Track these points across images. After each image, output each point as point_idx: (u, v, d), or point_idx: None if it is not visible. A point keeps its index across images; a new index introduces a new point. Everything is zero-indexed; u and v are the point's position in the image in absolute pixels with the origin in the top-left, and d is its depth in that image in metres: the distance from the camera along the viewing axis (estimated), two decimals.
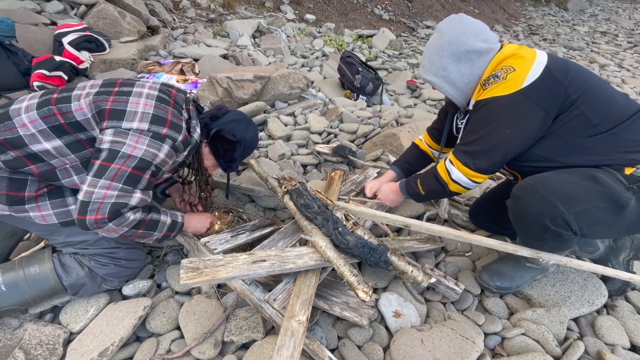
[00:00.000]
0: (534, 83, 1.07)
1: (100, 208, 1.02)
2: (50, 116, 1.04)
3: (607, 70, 5.40)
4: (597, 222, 1.04)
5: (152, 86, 1.16)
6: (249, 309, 1.26)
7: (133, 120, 1.05)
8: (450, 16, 1.28)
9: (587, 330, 1.28)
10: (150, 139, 1.06)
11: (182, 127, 1.15)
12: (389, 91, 3.91)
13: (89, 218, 1.02)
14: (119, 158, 1.03)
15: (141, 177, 1.08)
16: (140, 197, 1.09)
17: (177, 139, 1.12)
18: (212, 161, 1.41)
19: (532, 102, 1.07)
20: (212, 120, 1.34)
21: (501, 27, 8.60)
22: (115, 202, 1.04)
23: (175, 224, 1.28)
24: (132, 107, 1.07)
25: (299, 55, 4.62)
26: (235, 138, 1.32)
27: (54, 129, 1.04)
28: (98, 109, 1.05)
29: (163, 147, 1.09)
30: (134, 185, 1.07)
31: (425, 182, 1.38)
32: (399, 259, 1.27)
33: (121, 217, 1.06)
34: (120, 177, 1.03)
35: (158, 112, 1.09)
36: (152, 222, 1.18)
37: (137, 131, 1.05)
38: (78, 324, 1.19)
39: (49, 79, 2.49)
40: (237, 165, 1.43)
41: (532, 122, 1.10)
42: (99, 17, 3.40)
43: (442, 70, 1.25)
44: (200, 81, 2.99)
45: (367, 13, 7.19)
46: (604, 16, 10.76)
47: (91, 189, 1.02)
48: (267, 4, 6.21)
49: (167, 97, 1.15)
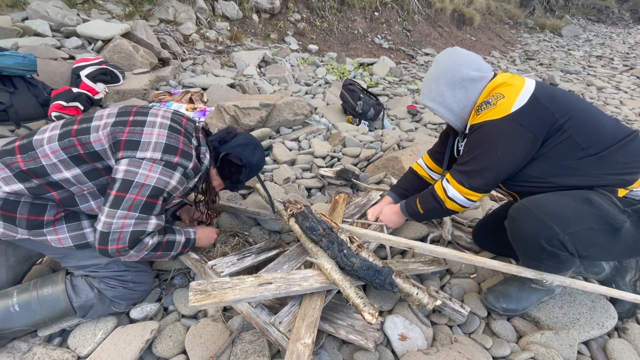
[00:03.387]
0: (522, 108, 1.14)
1: (120, 238, 1.09)
2: (70, 147, 1.11)
3: (604, 93, 5.49)
4: (592, 244, 1.07)
5: (165, 115, 1.22)
6: (254, 332, 1.26)
7: (147, 150, 1.11)
8: (446, 49, 1.39)
9: (598, 354, 1.26)
10: (163, 168, 1.12)
11: (193, 155, 1.21)
12: (390, 116, 4.02)
13: (111, 248, 1.10)
14: (133, 187, 1.09)
15: (155, 204, 1.14)
16: (156, 223, 1.16)
17: (187, 166, 1.18)
18: (219, 181, 1.46)
19: (520, 126, 1.14)
20: (220, 144, 1.39)
21: (498, 54, 8.88)
22: (134, 230, 1.11)
23: (189, 241, 1.36)
24: (147, 137, 1.13)
25: (303, 84, 4.80)
26: (242, 162, 1.38)
27: (74, 159, 1.11)
28: (115, 140, 1.12)
29: (175, 175, 1.15)
30: (149, 213, 1.13)
31: (424, 201, 1.45)
32: (404, 281, 1.28)
33: (140, 243, 1.14)
34: (136, 207, 1.10)
35: (170, 141, 1.15)
36: (169, 243, 1.26)
37: (150, 160, 1.10)
38: (86, 348, 1.20)
39: (66, 109, 2.62)
40: (243, 186, 1.49)
41: (520, 144, 1.16)
42: (115, 51, 3.61)
43: (440, 97, 1.34)
44: (208, 109, 3.11)
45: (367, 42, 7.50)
46: (598, 41, 11.07)
47: (109, 219, 1.08)
48: (272, 36, 6.52)
49: (179, 127, 1.22)
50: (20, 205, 1.11)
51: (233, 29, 6.04)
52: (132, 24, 4.09)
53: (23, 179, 1.10)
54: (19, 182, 1.09)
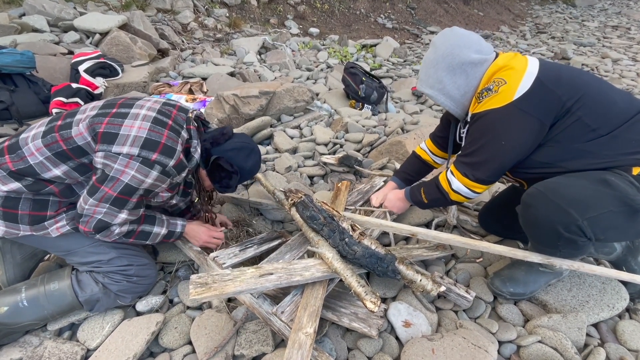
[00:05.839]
0: (525, 94, 1.08)
1: (88, 222, 1.13)
2: (53, 143, 1.08)
3: (620, 65, 5.26)
4: (611, 227, 1.02)
5: (151, 107, 1.16)
6: (258, 322, 1.27)
7: (124, 144, 1.06)
8: (444, 30, 1.30)
9: (608, 336, 1.23)
10: (140, 165, 1.08)
11: (177, 151, 1.14)
12: (394, 99, 3.93)
13: (80, 227, 1.16)
14: (107, 181, 1.08)
15: (127, 201, 1.13)
16: (124, 217, 1.16)
17: (167, 164, 1.11)
18: (209, 182, 1.40)
19: (524, 113, 1.08)
20: (212, 146, 1.31)
21: (507, 28, 8.53)
22: (101, 219, 1.13)
23: (172, 234, 1.35)
24: (126, 130, 1.08)
25: (304, 69, 4.71)
26: (233, 168, 1.30)
27: (58, 156, 1.09)
28: (93, 132, 1.08)
29: (151, 173, 1.10)
30: (120, 207, 1.13)
31: (428, 191, 1.41)
32: (407, 268, 1.26)
33: (106, 230, 1.16)
34: (107, 199, 1.10)
35: (152, 135, 1.09)
36: (143, 233, 1.26)
37: (127, 156, 1.06)
38: (95, 341, 1.23)
39: (67, 105, 2.62)
40: (234, 190, 1.40)
41: (526, 132, 1.10)
42: (112, 44, 3.58)
43: (438, 83, 1.27)
44: (208, 99, 3.08)
45: (370, 23, 7.28)
46: (614, 10, 10.53)
47: (83, 204, 1.12)
48: (272, 21, 6.38)
49: (166, 119, 1.15)
50: (22, 202, 1.12)
51: (232, 16, 5.92)
52: (129, 15, 4.04)
53: (17, 177, 1.10)
54: (15, 181, 1.10)
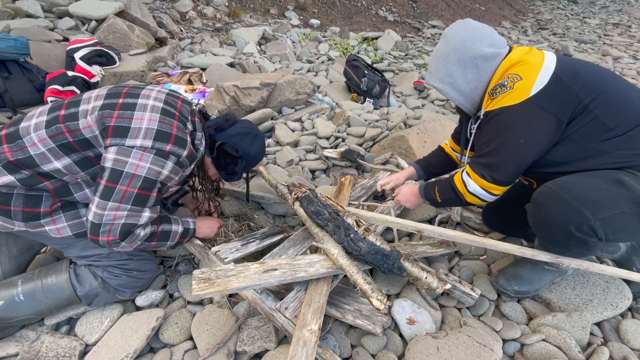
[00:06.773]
0: (543, 90, 1.04)
1: (111, 230, 1.05)
2: (58, 134, 1.03)
3: (621, 63, 5.24)
4: (623, 228, 1.00)
5: (158, 97, 1.13)
6: (260, 318, 1.25)
7: (137, 137, 1.04)
8: (456, 22, 1.26)
9: (611, 335, 1.23)
10: (154, 157, 1.05)
11: (187, 141, 1.13)
12: (396, 93, 3.89)
13: (102, 239, 1.06)
14: (123, 178, 1.03)
15: (149, 196, 1.09)
16: (149, 216, 1.11)
17: (181, 154, 1.10)
18: (214, 170, 1.38)
19: (542, 110, 1.05)
20: (216, 132, 1.30)
21: (509, 24, 8.48)
22: (126, 222, 1.06)
23: (187, 231, 1.31)
24: (137, 123, 1.05)
25: (305, 61, 4.64)
26: (238, 153, 1.28)
27: (63, 147, 1.04)
28: (103, 126, 1.04)
29: (167, 164, 1.08)
30: (142, 205, 1.09)
31: (443, 191, 1.36)
32: (412, 265, 1.25)
33: (132, 235, 1.10)
34: (128, 199, 1.05)
35: (163, 126, 1.07)
36: (164, 233, 1.21)
37: (140, 148, 1.03)
38: (93, 336, 1.20)
39: (62, 93, 2.55)
40: (240, 177, 1.39)
41: (544, 129, 1.07)
42: (109, 31, 3.48)
43: (449, 77, 1.24)
44: (207, 90, 3.02)
45: (371, 15, 7.19)
46: (615, 7, 10.50)
47: (100, 211, 1.04)
48: (272, 11, 6.27)
49: (173, 110, 1.13)
50: (14, 198, 1.08)
51: (231, 5, 5.80)
52: (126, 1, 3.93)
53: (12, 170, 1.05)
54: (9, 174, 1.05)
